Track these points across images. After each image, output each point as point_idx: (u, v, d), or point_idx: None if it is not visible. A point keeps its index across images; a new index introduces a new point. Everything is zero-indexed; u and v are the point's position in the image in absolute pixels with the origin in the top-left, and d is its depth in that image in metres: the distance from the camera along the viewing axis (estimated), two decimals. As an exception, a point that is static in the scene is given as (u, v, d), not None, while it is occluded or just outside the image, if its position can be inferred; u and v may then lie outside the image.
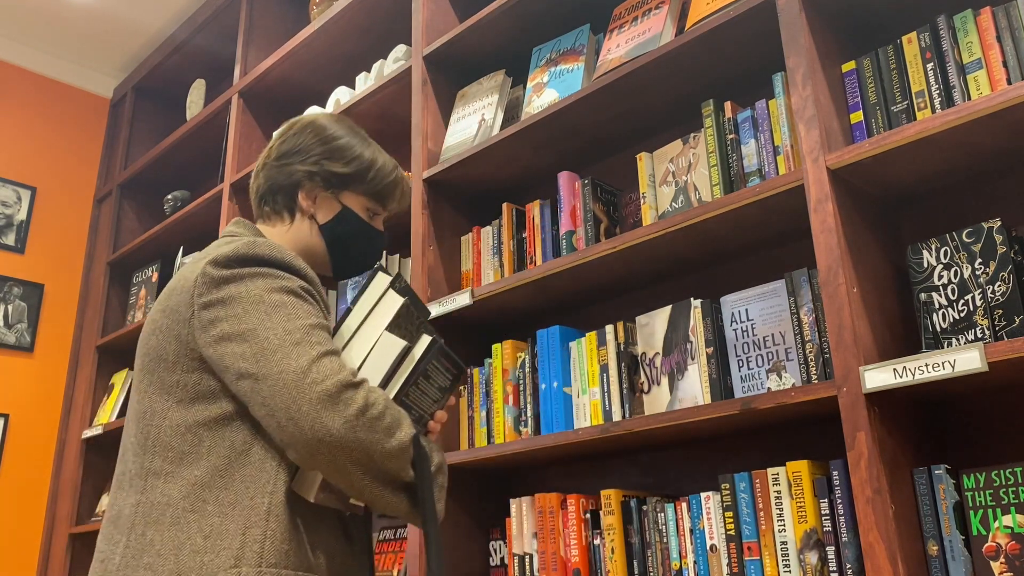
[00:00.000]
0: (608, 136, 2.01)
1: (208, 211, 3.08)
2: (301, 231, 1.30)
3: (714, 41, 1.66)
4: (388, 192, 1.34)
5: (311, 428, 1.00)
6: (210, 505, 1.04)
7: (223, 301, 1.09)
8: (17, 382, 3.40)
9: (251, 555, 1.02)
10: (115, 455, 3.35)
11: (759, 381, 1.53)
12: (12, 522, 3.28)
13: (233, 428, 1.08)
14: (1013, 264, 1.27)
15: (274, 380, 1.02)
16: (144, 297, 3.40)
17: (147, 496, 1.07)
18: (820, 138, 1.41)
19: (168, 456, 1.08)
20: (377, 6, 2.54)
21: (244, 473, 1.06)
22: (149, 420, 1.11)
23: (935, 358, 1.22)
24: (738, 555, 1.45)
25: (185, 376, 1.10)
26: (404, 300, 1.18)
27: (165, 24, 3.65)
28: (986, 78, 1.35)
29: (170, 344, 1.12)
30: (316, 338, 1.07)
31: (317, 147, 1.30)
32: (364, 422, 1.03)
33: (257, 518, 1.04)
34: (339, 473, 1.04)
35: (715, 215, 1.56)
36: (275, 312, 1.07)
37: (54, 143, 3.75)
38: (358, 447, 1.02)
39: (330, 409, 1.01)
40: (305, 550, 1.08)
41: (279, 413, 1.02)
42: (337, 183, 1.30)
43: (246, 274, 1.11)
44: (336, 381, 1.03)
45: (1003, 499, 1.22)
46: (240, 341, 1.06)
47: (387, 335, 1.15)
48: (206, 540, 1.02)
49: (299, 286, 1.12)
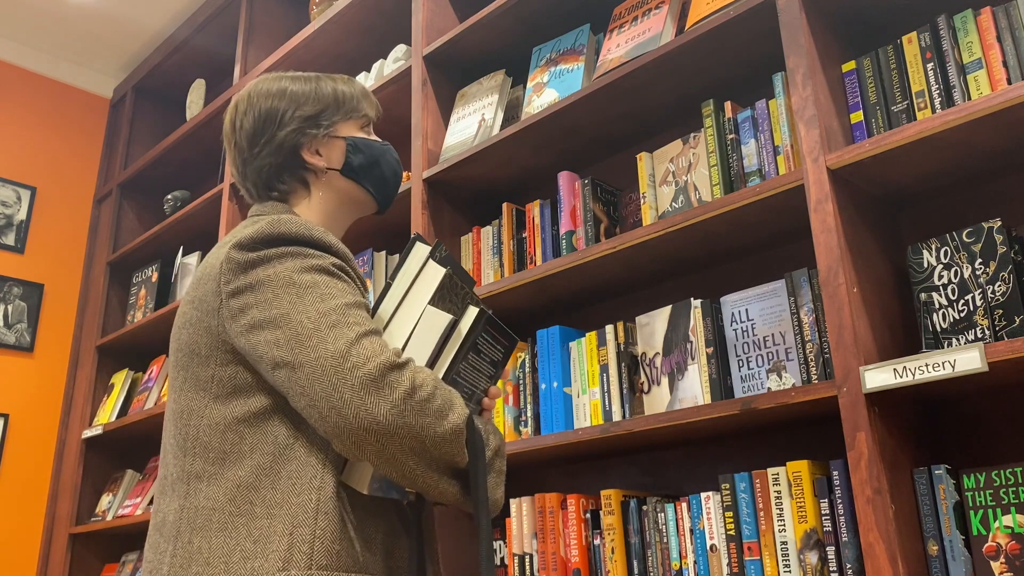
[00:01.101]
0: (608, 136, 2.01)
1: (208, 211, 3.08)
2: (328, 190, 1.22)
3: (714, 41, 1.66)
4: (363, 102, 1.27)
5: (355, 416, 0.92)
6: (257, 507, 0.98)
7: (251, 286, 1.02)
8: (17, 382, 3.40)
9: (300, 557, 0.96)
10: (115, 455, 3.36)
11: (759, 381, 1.53)
12: (12, 522, 3.28)
13: (275, 422, 1.01)
14: (1013, 264, 1.27)
15: (312, 367, 0.95)
16: (144, 297, 3.40)
17: (191, 501, 1.01)
18: (820, 138, 1.41)
19: (209, 457, 1.01)
20: (377, 6, 2.54)
21: (290, 470, 1.00)
22: (187, 419, 1.05)
23: (935, 358, 1.21)
24: (738, 555, 1.45)
25: (220, 370, 1.03)
26: (446, 270, 1.09)
27: (165, 24, 3.65)
28: (986, 78, 1.35)
29: (201, 337, 1.05)
30: (353, 318, 0.99)
31: (280, 104, 1.20)
32: (413, 405, 0.95)
33: (305, 517, 0.97)
34: (389, 463, 0.96)
35: (715, 215, 1.56)
36: (307, 293, 0.99)
37: (54, 143, 3.75)
38: (408, 433, 0.94)
39: (374, 394, 0.93)
40: (357, 548, 1.00)
41: (320, 402, 0.94)
42: (325, 122, 1.21)
43: (273, 255, 1.03)
44: (379, 363, 0.95)
45: (1003, 499, 1.22)
46: (272, 328, 0.98)
47: (431, 309, 1.06)
48: (255, 544, 0.96)
49: (331, 263, 1.04)
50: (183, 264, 3.25)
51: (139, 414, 3.01)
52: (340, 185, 1.22)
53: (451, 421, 0.98)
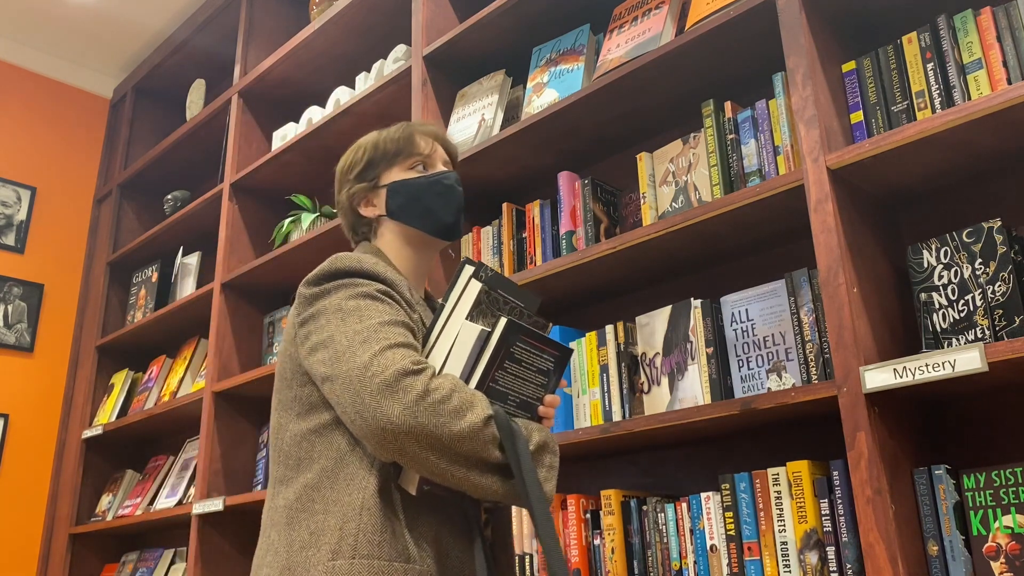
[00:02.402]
0: (608, 136, 2.01)
1: (208, 211, 3.08)
2: (388, 233, 1.35)
3: (714, 41, 1.66)
4: (408, 142, 1.36)
5: (373, 418, 1.04)
6: (317, 504, 1.11)
7: (312, 316, 1.17)
8: (17, 382, 3.40)
9: (346, 548, 1.07)
10: (115, 455, 3.36)
11: (759, 381, 1.53)
12: (12, 522, 3.28)
13: (338, 432, 1.14)
14: (1013, 264, 1.27)
15: (343, 379, 1.07)
16: (144, 297, 3.40)
17: (274, 502, 1.17)
18: (820, 138, 1.41)
19: (288, 464, 1.17)
20: (377, 6, 2.54)
21: (347, 472, 1.12)
22: (277, 434, 1.21)
23: (935, 358, 1.21)
24: (738, 555, 1.44)
25: (299, 391, 1.18)
26: (481, 286, 1.18)
27: (165, 24, 3.65)
28: (986, 78, 1.35)
29: (287, 363, 1.21)
30: (384, 334, 1.11)
31: (344, 167, 1.38)
32: (425, 406, 1.04)
33: (352, 513, 1.09)
34: (412, 460, 1.06)
35: (715, 215, 1.56)
36: (349, 316, 1.13)
37: (54, 143, 3.75)
38: (422, 432, 1.04)
39: (388, 397, 1.04)
40: (403, 541, 1.10)
41: (348, 409, 1.06)
42: (368, 175, 1.35)
43: (331, 287, 1.18)
44: (395, 370, 1.05)
45: (1003, 499, 1.22)
46: (323, 349, 1.12)
47: (466, 324, 1.16)
48: (311, 536, 1.09)
49: (376, 289, 1.17)
50: (183, 264, 3.25)
51: (139, 414, 3.01)
52: (392, 227, 1.35)
53: (468, 420, 1.06)
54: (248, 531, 2.66)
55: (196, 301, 2.92)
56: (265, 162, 2.76)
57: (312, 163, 2.77)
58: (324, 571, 1.06)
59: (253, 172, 2.82)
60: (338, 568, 1.06)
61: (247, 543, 2.64)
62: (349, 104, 2.46)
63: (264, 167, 2.79)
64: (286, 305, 2.81)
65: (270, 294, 2.88)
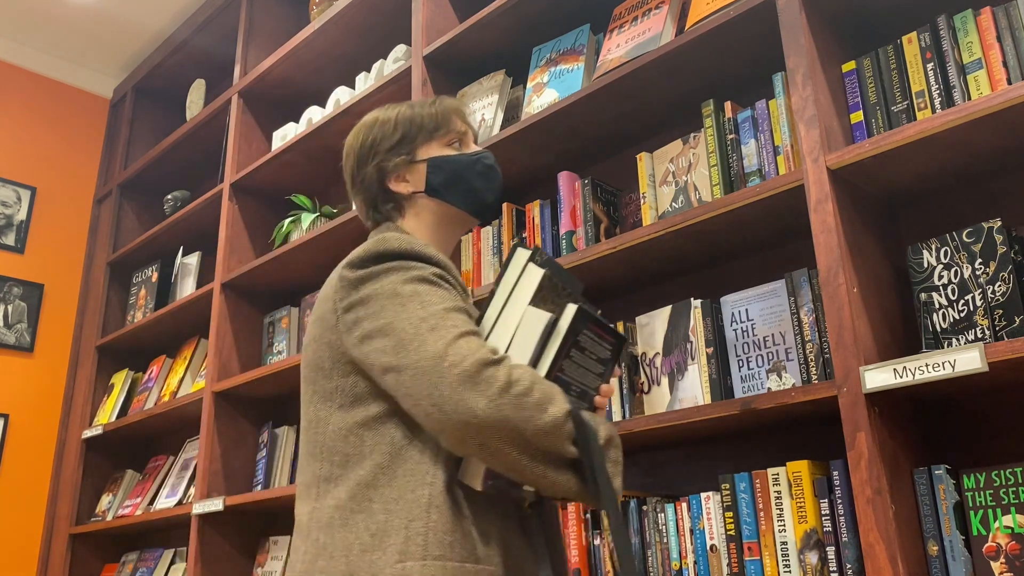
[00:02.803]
0: (608, 136, 2.01)
1: (208, 211, 3.08)
2: (421, 211, 1.28)
3: (714, 41, 1.66)
4: (445, 118, 1.30)
5: (455, 411, 0.98)
6: (376, 503, 1.04)
7: (362, 301, 1.10)
8: (17, 382, 3.40)
9: (415, 549, 1.01)
10: (115, 455, 3.36)
11: (759, 381, 1.53)
12: (12, 522, 3.28)
13: (391, 425, 1.08)
14: (1013, 264, 1.27)
15: (415, 368, 1.01)
16: (144, 297, 3.40)
17: (320, 502, 1.09)
18: (820, 138, 1.41)
19: (335, 460, 1.09)
20: (377, 6, 2.54)
21: (406, 468, 1.06)
22: (316, 428, 1.13)
23: (935, 358, 1.21)
24: (738, 555, 1.44)
25: (341, 381, 1.11)
26: (544, 271, 1.12)
27: (165, 24, 3.65)
28: (986, 78, 1.35)
29: (324, 352, 1.13)
30: (451, 321, 1.05)
31: (367, 141, 1.29)
32: (509, 399, 0.99)
33: (419, 511, 1.03)
34: (493, 456, 1.01)
35: (715, 215, 1.56)
36: (409, 302, 1.07)
37: (54, 143, 3.75)
38: (507, 426, 0.99)
39: (471, 389, 0.98)
40: (473, 541, 1.04)
41: (423, 401, 1.01)
42: (404, 149, 1.27)
43: (379, 271, 1.11)
44: (475, 360, 1.00)
45: (1003, 499, 1.22)
46: (380, 337, 1.06)
47: (531, 310, 1.10)
48: (373, 538, 1.02)
49: (432, 273, 1.11)
50: (183, 264, 3.25)
51: (139, 414, 3.01)
52: (429, 205, 1.28)
53: (550, 413, 1.01)
54: (248, 531, 2.66)
55: (196, 301, 2.92)
56: (265, 162, 2.76)
57: (312, 163, 2.77)
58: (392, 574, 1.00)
59: (253, 172, 2.82)
60: (409, 571, 1.00)
61: (247, 543, 2.64)
62: (349, 104, 2.46)
63: (264, 167, 2.79)
64: (286, 305, 2.81)
65: (270, 294, 2.88)
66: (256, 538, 2.67)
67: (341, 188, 2.92)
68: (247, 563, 2.62)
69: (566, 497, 1.06)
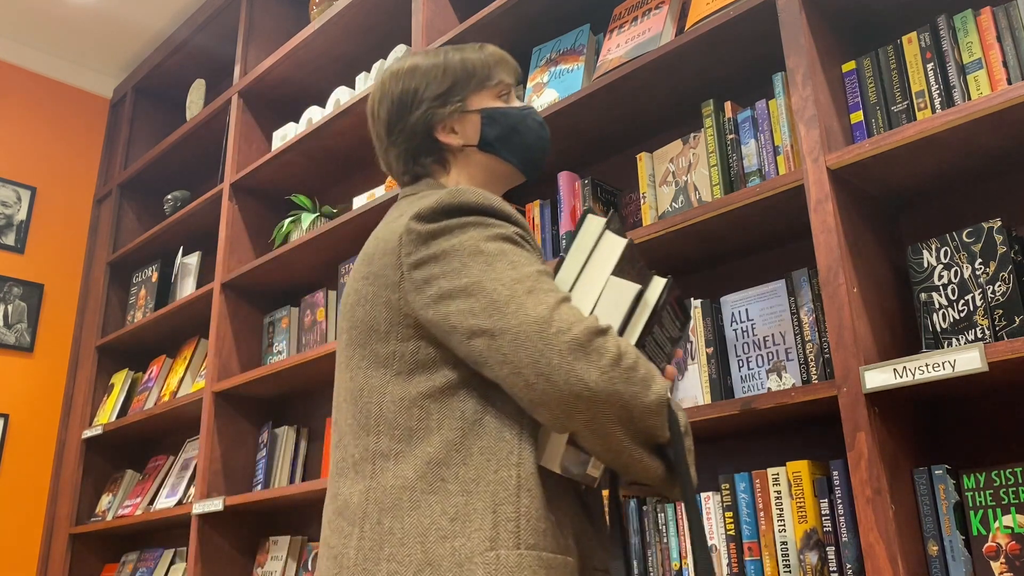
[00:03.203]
0: (608, 136, 2.01)
1: (208, 211, 3.08)
2: (469, 166, 1.18)
3: (714, 41, 1.66)
4: (496, 69, 1.21)
5: (566, 382, 0.89)
6: (451, 484, 0.94)
7: (436, 257, 0.99)
8: (17, 382, 3.40)
9: (506, 536, 0.91)
10: (115, 455, 3.36)
11: (759, 381, 1.53)
12: (12, 522, 3.28)
13: (460, 397, 0.98)
14: (1013, 264, 1.27)
15: (515, 333, 0.91)
16: (144, 297, 3.40)
17: (377, 481, 0.97)
18: (820, 138, 1.41)
19: (395, 434, 0.98)
20: (377, 6, 2.54)
21: (482, 445, 0.96)
22: (368, 397, 1.02)
23: (935, 358, 1.21)
24: (738, 555, 1.44)
25: (401, 346, 1.01)
26: (627, 240, 1.04)
27: (165, 24, 3.65)
28: (986, 78, 1.35)
29: (380, 312, 1.02)
30: (547, 285, 0.96)
31: (411, 87, 1.18)
32: (620, 372, 0.91)
33: (507, 494, 0.93)
34: (597, 434, 0.92)
35: (715, 215, 1.56)
36: (496, 262, 0.97)
37: (54, 143, 3.75)
38: (618, 401, 0.90)
39: (583, 359, 0.89)
40: (557, 530, 0.96)
41: (526, 369, 0.90)
42: (455, 97, 1.17)
43: (455, 225, 1.00)
44: (584, 328, 0.91)
45: (1003, 499, 1.22)
46: (466, 296, 0.95)
47: (615, 280, 1.01)
48: (452, 523, 0.92)
49: (514, 232, 1.02)
50: (183, 264, 3.25)
51: (139, 414, 3.01)
52: (480, 159, 1.18)
53: (656, 391, 0.94)
54: (248, 531, 2.66)
55: (196, 301, 2.92)
56: (265, 162, 2.76)
57: (312, 163, 2.77)
58: (483, 563, 0.89)
59: (253, 172, 2.82)
60: (504, 560, 0.90)
61: (247, 543, 2.64)
62: (349, 104, 2.46)
63: (264, 167, 2.79)
64: (286, 305, 2.81)
65: (270, 294, 2.88)
66: (256, 538, 2.67)
67: (341, 188, 2.92)
68: (247, 563, 2.62)
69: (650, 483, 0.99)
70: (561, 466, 0.97)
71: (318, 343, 2.53)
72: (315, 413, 2.72)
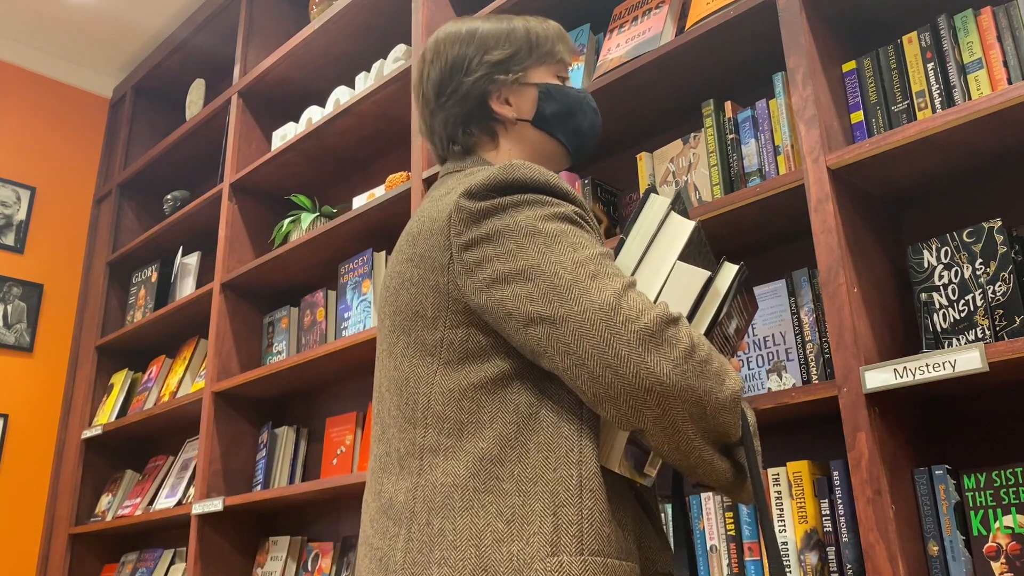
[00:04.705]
0: (608, 136, 2.01)
1: (208, 211, 3.08)
2: (518, 142, 1.12)
3: (714, 41, 1.66)
4: (559, 45, 1.16)
5: (635, 375, 0.83)
6: (506, 483, 0.87)
7: (488, 237, 0.92)
8: (16, 382, 3.40)
9: (568, 540, 0.85)
10: (114, 455, 3.36)
11: (759, 381, 1.53)
12: (12, 522, 3.27)
13: (514, 389, 0.91)
14: (1013, 264, 1.27)
15: (578, 321, 0.84)
16: (144, 297, 3.40)
17: (426, 478, 0.91)
18: (820, 138, 1.41)
19: (444, 428, 0.91)
20: (377, 6, 2.54)
21: (538, 441, 0.89)
22: (414, 387, 0.95)
23: (935, 358, 1.21)
24: (738, 555, 1.44)
25: (450, 333, 0.94)
26: (695, 223, 0.98)
27: (165, 24, 3.65)
28: (986, 78, 1.35)
29: (427, 297, 0.96)
30: (612, 269, 0.89)
31: (467, 50, 1.12)
32: (693, 365, 0.85)
33: (568, 495, 0.86)
34: (667, 431, 0.86)
35: (715, 215, 1.56)
36: (556, 243, 0.89)
37: (54, 143, 3.75)
38: (691, 396, 0.84)
39: (654, 351, 0.83)
40: (620, 534, 0.90)
41: (590, 360, 0.84)
42: (516, 67, 1.11)
43: (508, 203, 0.93)
44: (655, 316, 0.85)
45: (1004, 499, 1.22)
46: (523, 280, 0.88)
47: (682, 265, 0.95)
48: (509, 525, 0.86)
49: (573, 211, 0.95)
50: (183, 264, 3.25)
51: (139, 414, 3.01)
52: (531, 136, 1.12)
53: (729, 386, 0.88)
54: (248, 531, 2.66)
55: (196, 301, 2.91)
56: (265, 162, 2.76)
57: (312, 163, 2.77)
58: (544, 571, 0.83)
59: (253, 172, 2.82)
60: (567, 567, 0.83)
61: (247, 543, 2.64)
62: (349, 104, 2.46)
63: (264, 167, 2.79)
64: (286, 305, 2.81)
65: (270, 294, 2.87)
66: (256, 538, 2.67)
67: (341, 188, 2.92)
68: (247, 563, 2.62)
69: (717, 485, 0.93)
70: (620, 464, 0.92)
71: (318, 343, 2.53)
72: (315, 413, 2.72)
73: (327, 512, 2.56)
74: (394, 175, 2.31)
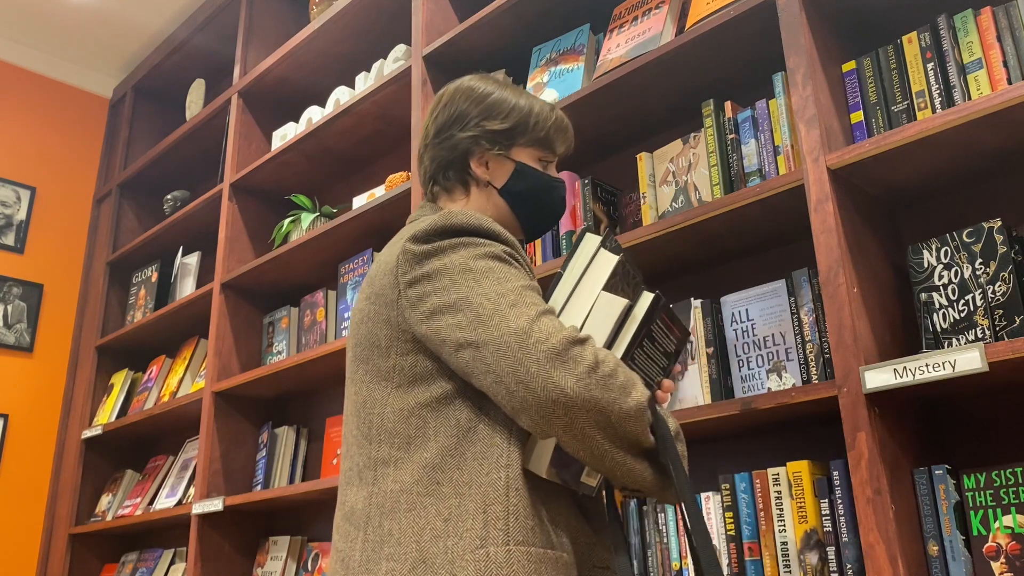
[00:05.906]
0: (608, 136, 2.01)
1: (208, 211, 3.08)
2: (484, 200, 1.25)
3: (714, 41, 1.66)
4: (554, 136, 1.28)
5: (543, 389, 0.94)
6: (445, 487, 1.00)
7: (428, 276, 1.05)
8: (17, 382, 3.40)
9: (496, 533, 0.97)
10: (114, 455, 3.36)
11: (759, 381, 1.53)
12: (12, 522, 3.27)
13: (455, 407, 1.04)
14: (1013, 264, 1.27)
15: (496, 344, 0.97)
16: (144, 297, 3.40)
17: (379, 486, 1.03)
18: (820, 138, 1.41)
19: (395, 442, 1.04)
20: (377, 6, 2.54)
21: (475, 451, 1.01)
22: (370, 409, 1.08)
23: (935, 358, 1.21)
24: (738, 555, 1.44)
25: (400, 360, 1.07)
26: (619, 257, 1.10)
27: (165, 24, 3.65)
28: (986, 78, 1.35)
29: (381, 329, 1.09)
30: (530, 298, 1.01)
31: (472, 109, 1.25)
32: (597, 379, 0.96)
33: (496, 494, 0.99)
34: (577, 439, 0.97)
35: (715, 215, 1.56)
36: (484, 278, 1.03)
37: (54, 143, 3.75)
38: (594, 407, 0.95)
39: (559, 367, 0.95)
40: (547, 527, 1.01)
41: (507, 378, 0.96)
42: (504, 140, 1.24)
43: (447, 246, 1.06)
44: (561, 338, 0.96)
45: (1003, 499, 1.22)
46: (454, 312, 1.01)
47: (605, 295, 1.07)
48: (446, 523, 0.98)
49: (502, 250, 1.08)
50: (183, 264, 3.25)
51: (139, 414, 3.01)
52: (496, 201, 1.25)
53: (634, 398, 0.98)
54: (248, 531, 2.66)
55: (196, 301, 2.92)
56: (265, 162, 2.76)
57: (312, 163, 2.77)
58: (473, 561, 0.95)
59: (253, 172, 2.82)
60: (492, 557, 0.95)
61: (247, 543, 2.64)
62: (349, 104, 2.46)
63: (264, 167, 2.79)
64: (286, 305, 2.81)
65: (270, 294, 2.88)
66: (256, 538, 2.67)
67: (341, 188, 2.92)
68: (247, 563, 2.62)
69: (639, 488, 1.04)
70: (551, 472, 1.02)
71: (318, 343, 2.53)
72: (315, 413, 2.72)
73: (327, 512, 2.56)
74: (394, 175, 2.31)
